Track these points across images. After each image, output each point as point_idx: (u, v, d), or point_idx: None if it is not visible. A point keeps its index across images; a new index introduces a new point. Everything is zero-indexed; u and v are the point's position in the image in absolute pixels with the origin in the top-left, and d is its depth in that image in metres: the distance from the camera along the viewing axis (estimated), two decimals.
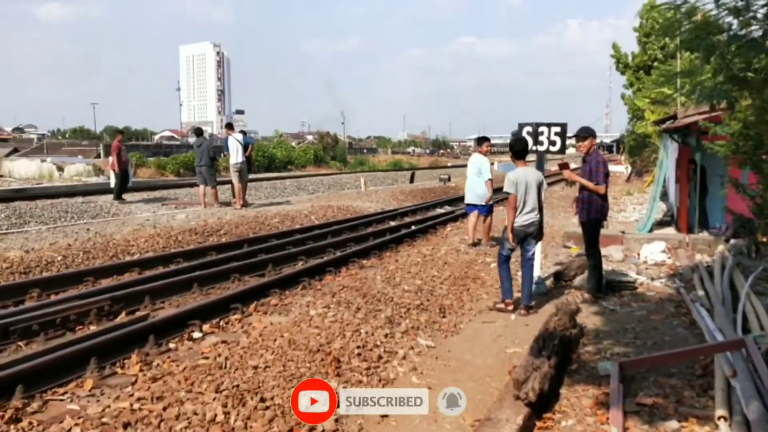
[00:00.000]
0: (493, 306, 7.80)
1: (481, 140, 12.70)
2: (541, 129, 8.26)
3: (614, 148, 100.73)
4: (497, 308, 7.71)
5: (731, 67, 4.69)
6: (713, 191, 13.05)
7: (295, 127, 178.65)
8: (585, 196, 8.03)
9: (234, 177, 17.10)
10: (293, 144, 74.67)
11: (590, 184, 7.93)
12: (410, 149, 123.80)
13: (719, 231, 12.31)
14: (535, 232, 7.63)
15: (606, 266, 9.52)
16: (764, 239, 9.38)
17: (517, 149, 7.65)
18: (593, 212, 8.02)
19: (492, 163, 13.22)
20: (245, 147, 17.12)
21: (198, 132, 18.46)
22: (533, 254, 7.75)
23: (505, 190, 7.55)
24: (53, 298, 7.87)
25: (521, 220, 7.54)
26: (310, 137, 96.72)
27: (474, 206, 12.17)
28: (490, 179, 12.02)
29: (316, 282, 9.02)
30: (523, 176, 7.52)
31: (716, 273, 8.59)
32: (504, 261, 7.69)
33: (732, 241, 11.18)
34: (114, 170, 18.37)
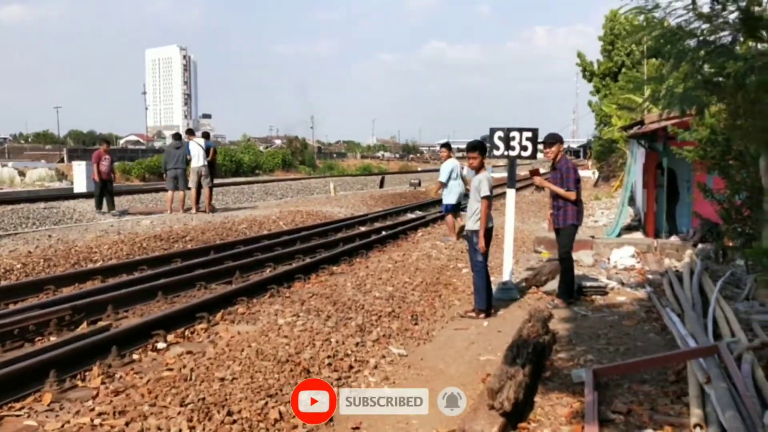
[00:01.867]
0: (464, 313, 7.74)
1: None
2: (512, 134, 8.23)
3: (581, 153, 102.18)
4: (468, 315, 7.65)
5: (702, 73, 4.70)
6: (683, 196, 13.20)
7: (264, 132, 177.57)
8: (560, 203, 8.04)
9: (193, 181, 16.86)
10: (261, 148, 74.19)
11: (561, 191, 7.96)
12: (380, 154, 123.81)
13: (687, 235, 12.45)
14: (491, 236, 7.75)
15: (577, 271, 9.54)
16: (731, 244, 9.49)
17: (485, 152, 7.64)
18: (569, 218, 8.03)
19: (462, 167, 13.78)
20: (207, 151, 16.94)
21: (177, 136, 18.28)
22: None
23: (488, 194, 7.41)
24: (12, 307, 7.60)
25: (491, 223, 7.55)
26: (278, 141, 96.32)
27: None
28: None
29: (284, 289, 8.88)
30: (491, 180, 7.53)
31: (685, 278, 8.65)
32: (481, 269, 7.60)
33: (699, 245, 11.31)
34: (94, 180, 17.91)
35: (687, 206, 12.97)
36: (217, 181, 21.95)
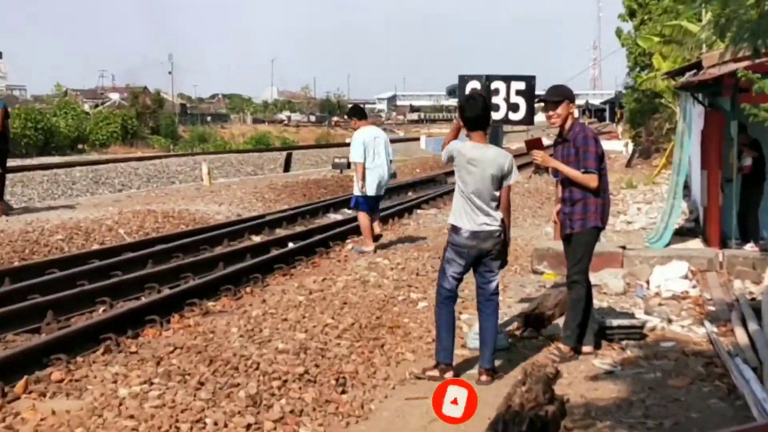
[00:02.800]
0: (422, 372, 7.86)
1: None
2: (494, 86, 8.37)
3: (606, 114, 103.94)
4: (428, 375, 7.77)
5: None
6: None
7: (91, 81, 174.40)
8: (575, 194, 8.14)
9: None
10: (87, 108, 73.00)
11: (576, 173, 8.04)
12: (283, 115, 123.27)
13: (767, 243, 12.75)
14: (494, 250, 7.72)
15: (598, 302, 9.72)
16: None
17: (471, 115, 7.70)
18: (589, 218, 8.12)
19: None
20: None
21: None
22: (496, 287, 7.85)
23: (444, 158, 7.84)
24: None
25: (468, 224, 7.65)
26: (115, 96, 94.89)
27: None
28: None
29: (129, 340, 8.85)
30: (476, 154, 7.60)
31: (765, 310, 8.92)
32: (445, 299, 7.75)
33: None
34: None
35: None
36: (11, 162, 21.54)
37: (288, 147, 57.90)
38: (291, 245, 14.63)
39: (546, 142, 11.72)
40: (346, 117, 16.42)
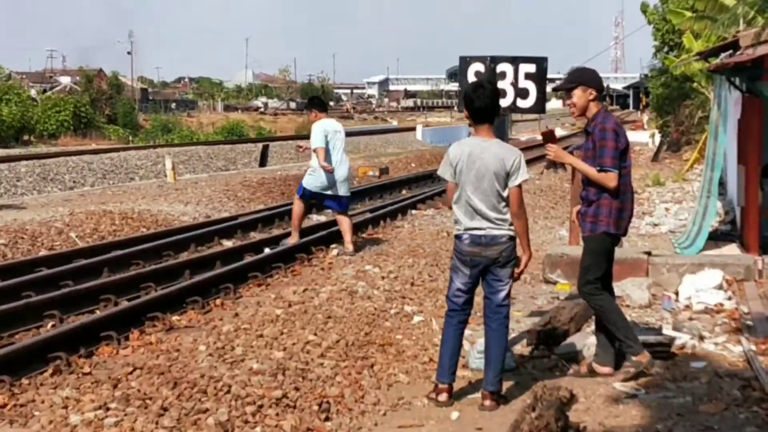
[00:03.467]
0: (429, 393, 7.90)
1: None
2: (500, 68, 8.37)
3: (630, 101, 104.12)
4: (429, 398, 7.84)
5: None
6: None
7: (39, 63, 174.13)
8: (590, 194, 8.10)
9: None
10: (34, 93, 72.93)
11: (592, 172, 7.95)
12: (259, 102, 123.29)
13: None
14: (501, 257, 7.69)
15: None
16: None
17: (480, 105, 7.64)
18: (601, 221, 8.07)
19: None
20: None
21: None
22: (505, 298, 7.78)
23: (438, 172, 7.85)
24: None
25: (470, 227, 7.67)
26: (66, 80, 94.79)
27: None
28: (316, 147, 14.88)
29: (81, 360, 8.82)
30: (476, 149, 7.60)
31: None
32: (450, 311, 7.79)
33: None
34: None
35: None
36: None
37: (264, 138, 57.74)
38: (267, 251, 14.61)
39: (561, 133, 11.72)
40: (304, 109, 16.68)
